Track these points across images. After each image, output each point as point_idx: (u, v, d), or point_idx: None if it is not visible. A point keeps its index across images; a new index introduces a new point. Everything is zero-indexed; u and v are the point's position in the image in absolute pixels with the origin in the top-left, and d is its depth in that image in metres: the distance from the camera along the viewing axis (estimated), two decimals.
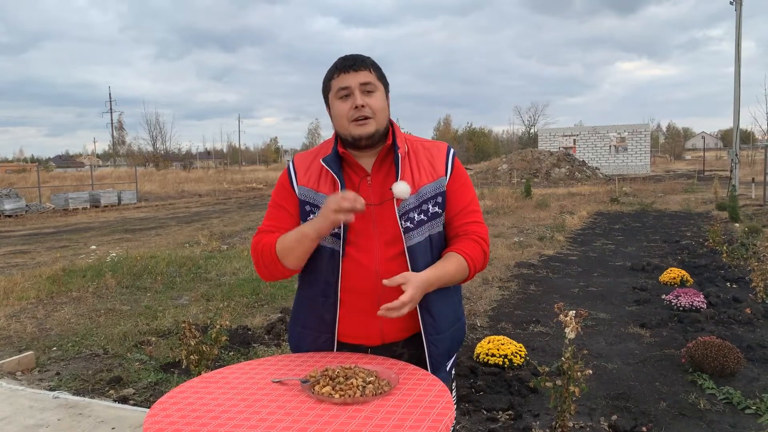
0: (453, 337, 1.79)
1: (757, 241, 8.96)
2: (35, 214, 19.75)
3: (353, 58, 1.70)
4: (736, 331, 4.93)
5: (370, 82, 1.68)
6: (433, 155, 1.77)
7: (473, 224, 1.77)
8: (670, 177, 32.83)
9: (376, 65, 1.73)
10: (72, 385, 4.14)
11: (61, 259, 9.65)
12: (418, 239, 1.69)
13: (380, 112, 1.69)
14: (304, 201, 1.75)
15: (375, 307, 1.68)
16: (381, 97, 1.71)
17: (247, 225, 14.38)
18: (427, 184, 1.72)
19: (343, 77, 1.67)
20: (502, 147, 71.24)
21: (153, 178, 36.20)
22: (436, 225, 1.74)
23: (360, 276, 1.69)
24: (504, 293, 6.64)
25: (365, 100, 1.66)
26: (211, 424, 1.33)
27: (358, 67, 1.67)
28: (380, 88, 1.71)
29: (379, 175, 1.73)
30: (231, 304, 6.25)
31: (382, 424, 1.30)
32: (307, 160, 1.80)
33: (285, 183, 1.80)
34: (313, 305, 1.77)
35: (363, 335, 1.74)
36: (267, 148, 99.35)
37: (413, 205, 1.69)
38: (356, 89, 1.66)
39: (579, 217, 13.88)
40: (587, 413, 3.48)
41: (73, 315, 6.03)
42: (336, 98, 1.69)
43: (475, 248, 1.73)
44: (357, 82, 1.66)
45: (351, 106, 1.66)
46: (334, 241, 1.70)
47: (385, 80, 1.76)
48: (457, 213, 1.76)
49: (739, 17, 18.87)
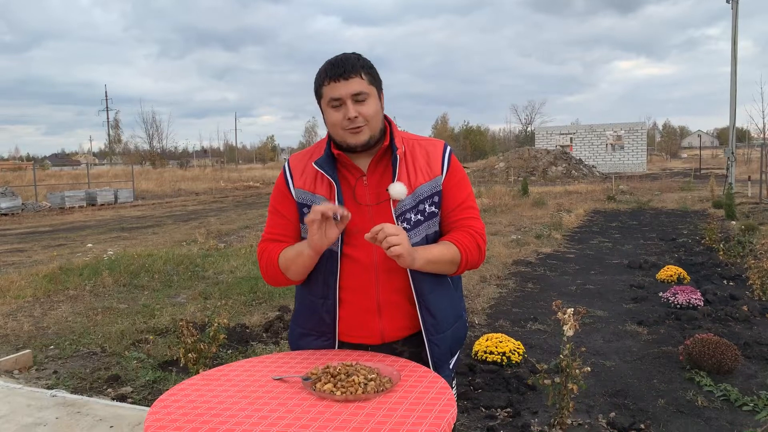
0: (454, 336, 1.79)
1: (753, 239, 8.99)
2: (31, 212, 19.70)
3: (343, 64, 1.62)
4: (734, 328, 4.95)
5: (362, 91, 1.62)
6: (430, 154, 1.74)
7: (469, 219, 1.75)
8: (666, 175, 32.92)
9: (366, 67, 1.66)
10: (70, 384, 4.13)
11: (58, 258, 9.62)
12: (415, 240, 1.69)
13: (373, 117, 1.65)
14: (301, 203, 1.74)
15: (374, 305, 1.69)
16: (374, 102, 1.66)
17: (244, 223, 14.36)
18: (424, 184, 1.70)
19: (334, 86, 1.62)
20: (499, 145, 71.31)
21: (149, 176, 36.13)
22: (433, 224, 1.74)
23: (358, 275, 1.69)
24: (502, 291, 6.65)
25: (358, 109, 1.62)
26: (212, 421, 1.33)
27: (348, 75, 1.61)
28: (373, 93, 1.66)
29: (375, 174, 1.71)
30: (229, 303, 6.25)
31: (384, 421, 1.30)
32: (303, 161, 1.78)
33: (282, 187, 1.79)
34: (312, 307, 1.77)
35: (363, 335, 1.74)
36: (264, 146, 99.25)
37: (410, 205, 1.68)
38: (348, 100, 1.61)
39: (576, 215, 13.90)
40: (585, 410, 3.49)
41: (71, 313, 6.02)
42: (328, 107, 1.65)
43: (469, 241, 1.71)
44: (348, 93, 1.61)
45: (344, 116, 1.62)
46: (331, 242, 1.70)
47: (378, 81, 1.69)
48: (452, 209, 1.74)
49: (735, 16, 18.91)
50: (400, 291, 1.70)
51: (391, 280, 1.69)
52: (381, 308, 1.70)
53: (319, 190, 1.71)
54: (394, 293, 1.70)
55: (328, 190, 1.70)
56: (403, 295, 1.70)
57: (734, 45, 18.87)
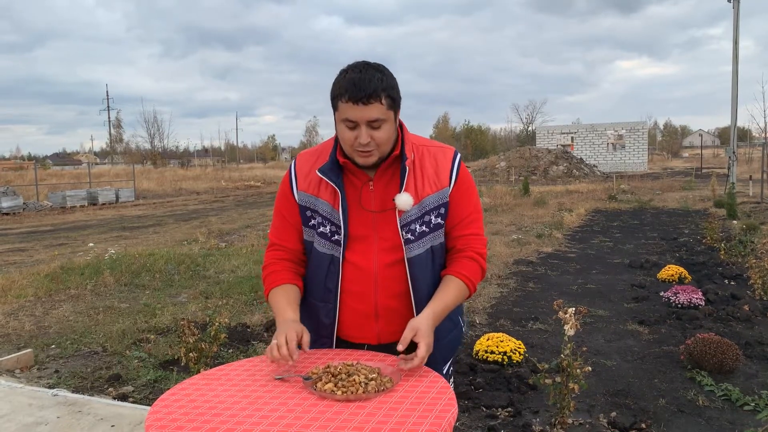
0: (449, 344, 1.79)
1: (754, 239, 8.98)
2: (33, 212, 19.72)
3: (365, 87, 1.53)
4: (735, 328, 4.94)
5: (379, 119, 1.56)
6: (439, 163, 1.71)
7: (472, 237, 1.73)
8: (667, 174, 32.88)
9: (389, 90, 1.57)
10: (71, 383, 4.14)
11: (59, 257, 9.63)
12: (419, 251, 1.68)
13: (385, 143, 1.61)
14: (304, 207, 1.73)
15: (372, 310, 1.69)
16: (389, 127, 1.60)
17: (245, 223, 14.36)
18: (431, 195, 1.68)
19: (352, 108, 1.55)
20: (500, 145, 71.25)
21: (151, 175, 36.12)
22: (438, 236, 1.72)
23: (359, 280, 1.69)
24: (503, 290, 6.64)
25: (371, 134, 1.57)
26: (213, 420, 1.33)
27: (368, 101, 1.53)
28: (390, 118, 1.59)
29: (382, 181, 1.69)
30: (230, 302, 6.25)
31: (385, 421, 1.30)
32: (309, 162, 1.75)
33: (286, 189, 1.78)
34: (312, 309, 1.77)
35: (360, 335, 1.74)
36: (265, 145, 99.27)
37: (415, 216, 1.67)
38: (363, 125, 1.56)
39: (577, 215, 13.90)
40: (586, 410, 3.49)
41: (72, 313, 6.02)
42: (342, 123, 1.60)
43: (472, 267, 1.71)
44: (365, 118, 1.55)
45: (356, 138, 1.58)
46: (333, 248, 1.69)
47: (397, 102, 1.61)
48: (457, 223, 1.73)
49: (736, 16, 18.88)
50: (399, 297, 1.70)
51: (390, 287, 1.69)
52: (379, 313, 1.70)
53: (323, 194, 1.70)
54: (393, 299, 1.70)
55: (332, 195, 1.68)
56: (401, 301, 1.70)
57: (735, 44, 18.85)
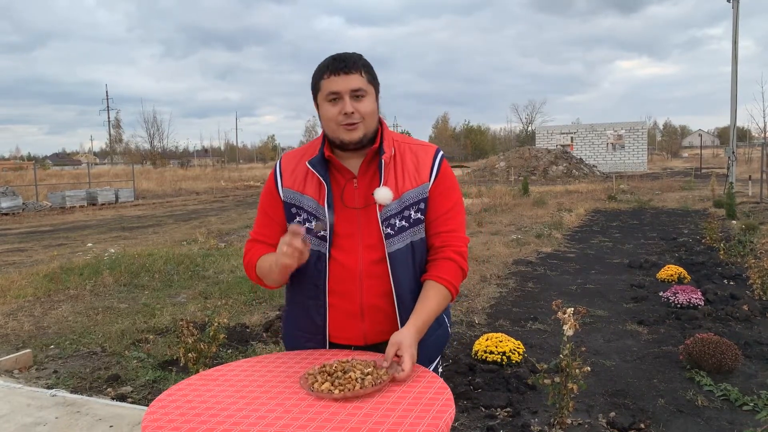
0: (434, 344, 1.78)
1: (754, 239, 8.98)
2: (32, 212, 19.71)
3: (344, 59, 1.63)
4: (734, 328, 4.94)
5: (361, 88, 1.63)
6: (419, 159, 1.72)
7: (452, 234, 1.72)
8: (667, 175, 32.88)
9: (368, 65, 1.68)
10: (70, 383, 4.13)
11: (59, 257, 9.62)
12: (399, 246, 1.67)
13: (369, 116, 1.65)
14: (289, 204, 1.74)
15: (358, 309, 1.69)
16: (371, 101, 1.66)
17: (245, 223, 14.36)
18: (410, 190, 1.68)
19: (334, 80, 1.62)
20: (500, 144, 71.26)
21: (150, 176, 36.12)
22: (419, 231, 1.71)
23: (344, 278, 1.69)
24: (502, 290, 6.64)
25: (355, 105, 1.62)
26: (209, 421, 1.33)
27: (349, 70, 1.61)
28: (371, 92, 1.66)
29: (366, 177, 1.70)
30: (229, 302, 6.24)
31: (382, 421, 1.29)
32: (294, 160, 1.78)
33: (271, 186, 1.79)
34: (303, 308, 1.77)
35: (348, 336, 1.74)
36: (264, 146, 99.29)
37: (395, 211, 1.67)
38: (346, 95, 1.61)
39: (576, 215, 13.90)
40: (585, 410, 3.49)
41: (71, 313, 6.02)
42: (325, 101, 1.65)
43: (452, 269, 1.69)
44: (347, 87, 1.61)
45: (340, 111, 1.62)
46: (320, 244, 1.69)
47: (376, 81, 1.70)
48: (436, 218, 1.71)
49: (736, 16, 18.87)
50: (383, 296, 1.69)
51: (375, 285, 1.68)
52: (364, 312, 1.70)
53: (308, 190, 1.71)
54: (378, 297, 1.69)
55: (317, 191, 1.69)
56: (386, 300, 1.69)
57: (735, 45, 18.85)
